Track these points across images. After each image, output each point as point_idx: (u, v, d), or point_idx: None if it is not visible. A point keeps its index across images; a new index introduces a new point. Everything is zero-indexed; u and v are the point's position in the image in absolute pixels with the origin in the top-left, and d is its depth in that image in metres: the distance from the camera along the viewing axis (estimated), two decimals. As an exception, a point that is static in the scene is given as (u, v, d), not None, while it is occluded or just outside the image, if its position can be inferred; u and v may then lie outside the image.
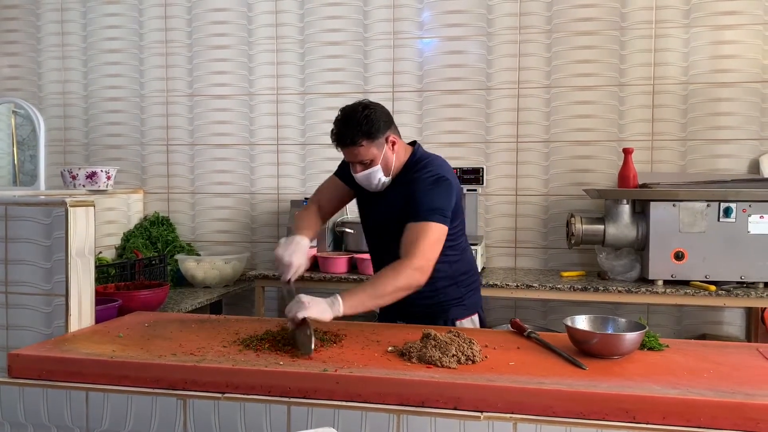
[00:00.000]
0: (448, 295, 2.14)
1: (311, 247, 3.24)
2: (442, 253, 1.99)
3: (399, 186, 2.07)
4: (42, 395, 1.63)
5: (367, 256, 2.96)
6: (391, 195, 2.09)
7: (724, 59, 3.25)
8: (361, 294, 1.84)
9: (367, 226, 2.24)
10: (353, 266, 3.20)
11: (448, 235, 2.02)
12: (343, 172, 2.22)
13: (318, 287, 3.15)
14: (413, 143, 2.17)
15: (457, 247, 2.15)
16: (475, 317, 2.22)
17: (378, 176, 2.04)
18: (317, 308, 1.74)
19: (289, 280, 1.98)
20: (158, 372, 1.59)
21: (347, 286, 2.71)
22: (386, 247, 2.07)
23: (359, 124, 1.95)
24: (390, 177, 2.08)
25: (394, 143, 2.05)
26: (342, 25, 3.61)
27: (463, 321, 2.17)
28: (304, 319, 1.72)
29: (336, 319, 1.79)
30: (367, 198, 2.18)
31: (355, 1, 3.59)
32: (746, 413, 1.32)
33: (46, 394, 1.62)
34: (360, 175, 2.04)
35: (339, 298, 1.79)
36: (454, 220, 2.07)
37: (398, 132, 2.10)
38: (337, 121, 2.00)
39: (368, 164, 2.02)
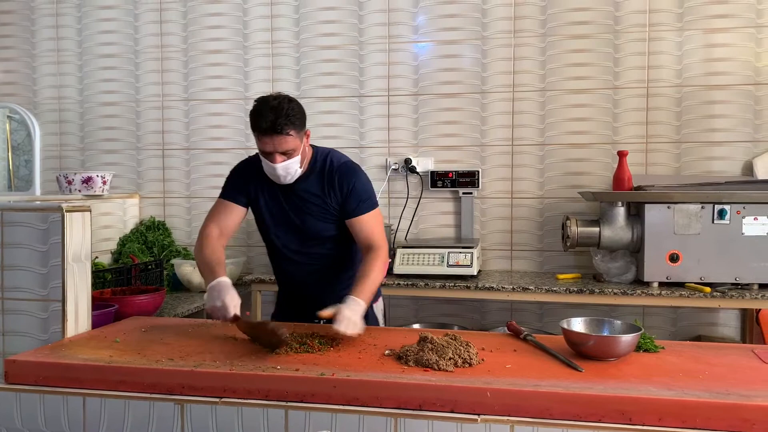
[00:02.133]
0: None
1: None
2: (354, 242, 2.22)
3: (314, 178, 2.19)
4: (39, 401, 1.62)
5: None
6: (308, 188, 2.18)
7: (717, 62, 3.27)
8: (367, 291, 1.98)
9: (280, 225, 2.24)
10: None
11: None
12: (233, 192, 2.25)
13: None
14: None
15: None
16: (381, 300, 2.44)
17: (296, 167, 2.12)
18: (358, 315, 1.88)
19: (235, 315, 1.89)
20: (155, 377, 1.59)
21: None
22: (305, 240, 2.22)
23: (287, 115, 2.02)
24: (303, 168, 2.17)
25: (308, 136, 2.17)
26: (337, 30, 3.62)
27: (376, 304, 2.36)
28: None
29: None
30: (275, 199, 2.21)
31: (350, 6, 3.60)
32: (741, 414, 1.33)
33: (43, 399, 1.62)
34: (280, 166, 2.08)
35: (358, 300, 1.92)
36: None
37: None
38: (263, 110, 2.02)
39: (290, 154, 2.08)
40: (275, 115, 2.00)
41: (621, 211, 3.03)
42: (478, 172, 3.45)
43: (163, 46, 3.81)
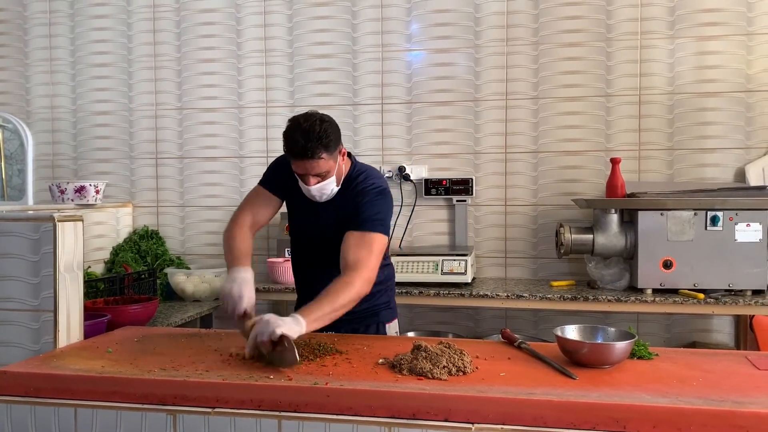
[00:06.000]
0: (379, 299, 2.21)
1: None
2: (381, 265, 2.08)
3: (343, 196, 2.12)
4: (30, 413, 1.61)
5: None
6: (333, 204, 2.13)
7: (709, 69, 3.29)
8: (320, 309, 1.81)
9: (304, 234, 2.23)
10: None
11: None
12: (272, 182, 2.22)
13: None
14: (348, 154, 2.21)
15: (387, 255, 2.24)
16: (396, 321, 2.34)
17: (331, 187, 2.08)
18: (287, 325, 1.69)
19: (245, 312, 1.88)
20: (147, 387, 1.58)
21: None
22: (323, 254, 2.14)
23: (319, 138, 1.95)
24: (339, 186, 2.12)
25: (344, 154, 2.11)
26: (330, 38, 3.63)
27: (390, 324, 2.27)
28: (281, 336, 1.66)
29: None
30: (303, 207, 2.18)
31: (344, 14, 3.61)
32: (735, 421, 1.33)
33: (34, 411, 1.61)
34: (314, 188, 2.05)
35: (299, 316, 1.75)
36: None
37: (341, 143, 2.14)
38: (294, 133, 1.97)
39: (324, 176, 2.04)
40: (305, 139, 1.94)
41: (614, 218, 3.04)
42: (471, 179, 3.45)
43: (157, 55, 3.81)
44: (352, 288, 1.88)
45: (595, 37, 3.38)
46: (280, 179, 2.20)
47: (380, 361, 1.71)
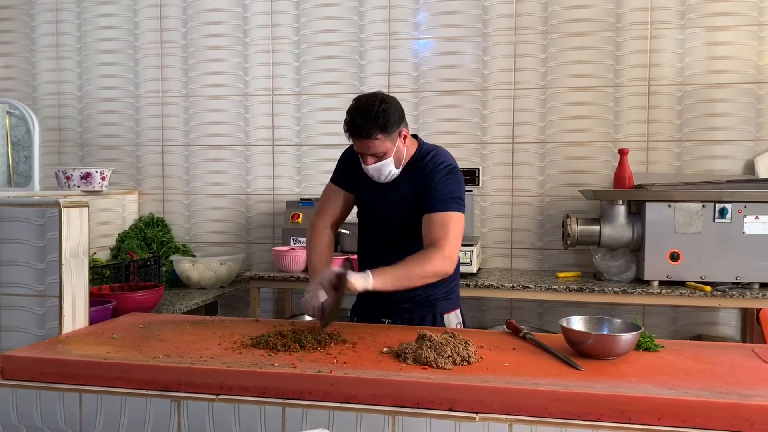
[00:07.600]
0: (437, 289, 2.15)
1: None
2: None
3: (408, 177, 2.10)
4: (35, 397, 1.62)
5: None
6: (400, 186, 2.11)
7: (719, 60, 3.26)
8: (392, 274, 1.90)
9: (372, 218, 2.22)
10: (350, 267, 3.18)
11: None
12: (340, 178, 2.24)
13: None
14: (414, 136, 2.20)
15: None
16: (458, 311, 2.26)
17: (389, 168, 2.06)
18: (349, 272, 1.83)
19: (321, 305, 1.90)
20: (152, 373, 1.58)
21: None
22: (390, 235, 2.13)
23: (376, 118, 1.96)
24: (400, 169, 2.10)
25: (405, 137, 2.08)
26: (337, 26, 3.60)
27: (449, 315, 2.21)
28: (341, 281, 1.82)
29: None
30: (371, 189, 2.17)
31: (351, 2, 3.58)
32: (741, 414, 1.32)
33: (39, 396, 1.61)
34: (371, 167, 2.05)
35: (369, 272, 1.85)
36: None
37: (407, 125, 2.11)
38: (353, 112, 1.99)
39: (381, 157, 2.03)
40: (363, 119, 1.95)
41: (621, 209, 3.02)
42: (478, 170, 3.44)
43: (163, 42, 3.80)
44: (428, 261, 1.93)
45: (604, 27, 3.35)
46: (345, 169, 2.22)
47: (385, 350, 1.71)
